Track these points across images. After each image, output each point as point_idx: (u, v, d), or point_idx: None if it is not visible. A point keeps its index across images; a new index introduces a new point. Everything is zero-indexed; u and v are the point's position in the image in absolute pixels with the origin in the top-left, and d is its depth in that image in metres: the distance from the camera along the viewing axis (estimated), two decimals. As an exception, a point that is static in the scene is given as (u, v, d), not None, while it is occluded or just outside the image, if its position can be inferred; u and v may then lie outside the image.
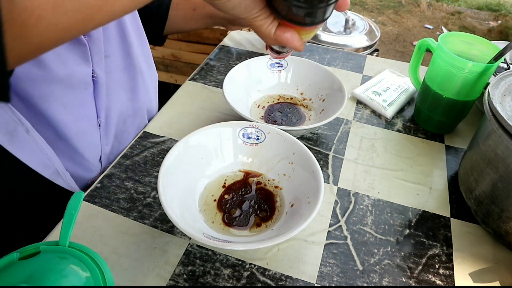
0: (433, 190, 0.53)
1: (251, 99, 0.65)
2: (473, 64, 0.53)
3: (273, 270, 0.42)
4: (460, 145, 0.61)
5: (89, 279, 0.30)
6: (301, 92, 0.66)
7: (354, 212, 0.49)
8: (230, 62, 0.77)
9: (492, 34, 2.95)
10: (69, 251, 0.32)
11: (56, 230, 0.45)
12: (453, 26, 3.03)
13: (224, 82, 0.59)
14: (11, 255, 0.31)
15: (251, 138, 0.52)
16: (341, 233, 0.47)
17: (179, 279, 0.41)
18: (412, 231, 0.48)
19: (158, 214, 0.47)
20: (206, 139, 0.50)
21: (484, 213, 0.47)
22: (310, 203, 0.43)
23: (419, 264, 0.44)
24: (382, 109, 0.65)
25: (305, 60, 0.67)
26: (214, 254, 0.44)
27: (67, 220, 0.33)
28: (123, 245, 0.44)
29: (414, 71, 0.66)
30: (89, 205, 0.48)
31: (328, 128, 0.62)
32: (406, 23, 3.04)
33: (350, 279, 0.42)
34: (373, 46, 1.62)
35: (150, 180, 0.52)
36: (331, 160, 0.57)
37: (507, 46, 0.51)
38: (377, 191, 0.52)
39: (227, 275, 0.42)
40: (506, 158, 0.43)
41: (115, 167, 0.53)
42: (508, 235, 0.45)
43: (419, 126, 0.64)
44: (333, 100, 0.61)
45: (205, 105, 0.66)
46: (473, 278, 0.43)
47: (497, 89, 0.47)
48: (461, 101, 0.57)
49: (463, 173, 0.52)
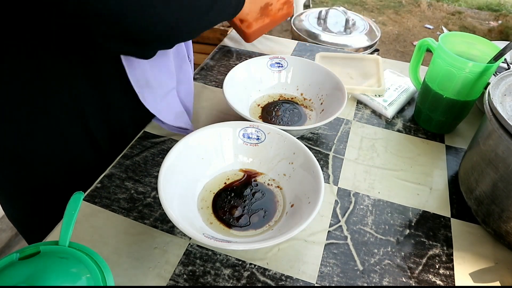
0: (433, 190, 0.53)
1: (251, 99, 0.65)
2: (473, 64, 0.53)
3: (273, 270, 0.42)
4: (461, 145, 0.61)
5: (89, 279, 0.30)
6: (301, 92, 0.66)
7: (354, 212, 0.49)
8: (230, 62, 0.77)
9: (493, 34, 2.94)
10: (69, 251, 0.32)
11: (56, 230, 0.45)
12: (453, 26, 3.03)
13: (224, 82, 0.59)
14: (11, 255, 0.31)
15: (251, 138, 0.52)
16: (341, 233, 0.47)
17: (179, 279, 0.41)
18: (412, 231, 0.48)
19: (158, 214, 0.47)
20: (206, 139, 0.50)
21: (485, 213, 0.47)
22: (310, 203, 0.43)
23: (419, 264, 0.44)
24: (383, 109, 0.65)
25: (306, 60, 0.67)
26: (214, 254, 0.44)
27: (67, 220, 0.33)
28: (123, 245, 0.44)
29: (414, 71, 0.66)
30: (89, 205, 0.48)
31: (328, 128, 0.62)
32: (406, 23, 3.04)
33: (350, 279, 0.42)
34: (373, 46, 1.62)
35: (150, 180, 0.52)
36: (331, 160, 0.57)
37: (507, 46, 0.51)
38: (377, 191, 0.52)
39: (227, 275, 0.42)
40: (507, 158, 0.43)
41: (115, 167, 0.53)
42: (508, 235, 0.45)
43: (420, 126, 0.64)
44: (333, 100, 0.61)
45: (205, 105, 0.66)
46: (474, 278, 0.43)
47: (497, 89, 0.47)
48: (462, 101, 0.57)
49: (463, 173, 0.52)
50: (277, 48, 0.82)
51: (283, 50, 0.81)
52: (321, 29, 1.61)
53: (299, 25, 1.66)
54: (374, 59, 0.76)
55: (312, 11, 1.75)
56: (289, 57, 0.67)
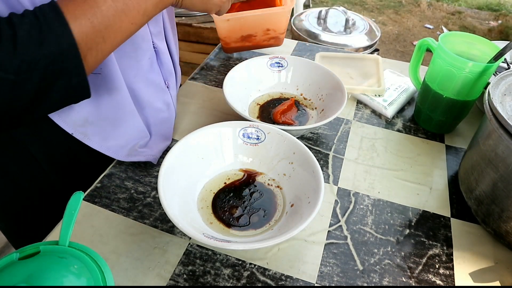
0: (433, 190, 0.53)
1: (251, 99, 0.65)
2: (473, 64, 0.53)
3: (273, 270, 0.42)
4: (460, 145, 0.61)
5: (89, 279, 0.30)
6: (301, 92, 0.66)
7: (354, 212, 0.49)
8: (230, 62, 0.77)
9: (493, 34, 2.94)
10: (69, 251, 0.32)
11: (56, 230, 0.45)
12: (453, 26, 3.02)
13: (224, 82, 0.59)
14: (11, 255, 0.31)
15: (251, 138, 0.52)
16: (341, 233, 0.47)
17: (179, 279, 0.41)
18: (412, 231, 0.48)
19: (158, 214, 0.47)
20: (206, 139, 0.50)
21: (484, 213, 0.47)
22: (310, 203, 0.43)
23: (419, 264, 0.44)
24: (383, 109, 0.65)
25: (306, 60, 0.67)
26: (214, 254, 0.44)
27: (67, 220, 0.33)
28: (123, 245, 0.44)
29: (414, 71, 0.66)
30: (89, 205, 0.48)
31: (328, 128, 0.62)
32: (406, 23, 3.03)
33: (350, 279, 0.42)
34: (373, 46, 1.62)
35: (150, 180, 0.52)
36: (331, 160, 0.57)
37: (507, 45, 0.51)
38: (377, 191, 0.52)
39: (227, 275, 0.42)
40: (506, 158, 0.43)
41: (115, 167, 0.53)
42: (508, 235, 0.45)
43: (420, 126, 0.64)
44: (333, 100, 0.61)
45: (205, 105, 0.66)
46: (473, 278, 0.43)
47: (497, 89, 0.47)
48: (461, 101, 0.57)
49: (463, 173, 0.52)
50: (277, 48, 0.82)
51: (283, 50, 0.81)
52: (321, 29, 1.61)
53: (299, 25, 1.66)
54: (374, 59, 0.76)
55: (312, 11, 1.75)
56: (289, 57, 0.67)
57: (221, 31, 0.70)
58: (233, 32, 0.70)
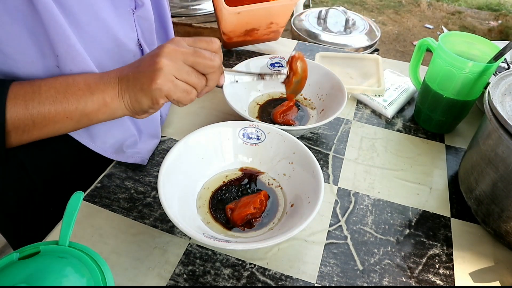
0: (433, 190, 0.53)
1: (251, 99, 0.65)
2: (473, 63, 0.53)
3: (273, 270, 0.42)
4: (460, 145, 0.61)
5: (89, 279, 0.30)
6: (301, 92, 0.66)
7: (354, 212, 0.49)
8: (230, 62, 0.77)
9: (492, 34, 2.94)
10: (69, 251, 0.32)
11: (56, 230, 0.45)
12: (453, 26, 3.02)
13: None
14: (11, 255, 0.31)
15: (251, 138, 0.52)
16: (341, 233, 0.47)
17: (179, 279, 0.41)
18: (412, 231, 0.48)
19: (158, 214, 0.47)
20: (206, 139, 0.50)
21: (484, 213, 0.47)
22: (310, 203, 0.43)
23: (419, 264, 0.44)
24: (382, 109, 0.65)
25: (305, 60, 0.66)
26: (214, 254, 0.44)
27: (67, 219, 0.33)
28: (123, 245, 0.44)
29: (414, 71, 0.66)
30: (89, 204, 0.48)
31: (328, 128, 0.62)
32: (406, 23, 3.03)
33: (350, 279, 0.42)
34: (373, 46, 1.62)
35: (150, 180, 0.52)
36: (331, 160, 0.57)
37: (507, 45, 0.51)
38: (377, 191, 0.52)
39: (227, 275, 0.42)
40: (506, 158, 0.43)
41: (115, 167, 0.53)
42: (508, 235, 0.45)
43: (419, 125, 0.64)
44: (333, 100, 0.61)
45: (205, 105, 0.66)
46: (473, 278, 0.43)
47: (497, 89, 0.47)
48: (461, 101, 0.57)
49: (463, 173, 0.52)
50: (277, 48, 0.82)
51: (283, 50, 0.81)
52: (321, 29, 1.61)
53: (299, 25, 1.66)
54: (374, 59, 0.76)
55: (312, 11, 1.75)
56: (289, 56, 0.67)
57: (227, 25, 0.70)
58: (239, 25, 0.71)
